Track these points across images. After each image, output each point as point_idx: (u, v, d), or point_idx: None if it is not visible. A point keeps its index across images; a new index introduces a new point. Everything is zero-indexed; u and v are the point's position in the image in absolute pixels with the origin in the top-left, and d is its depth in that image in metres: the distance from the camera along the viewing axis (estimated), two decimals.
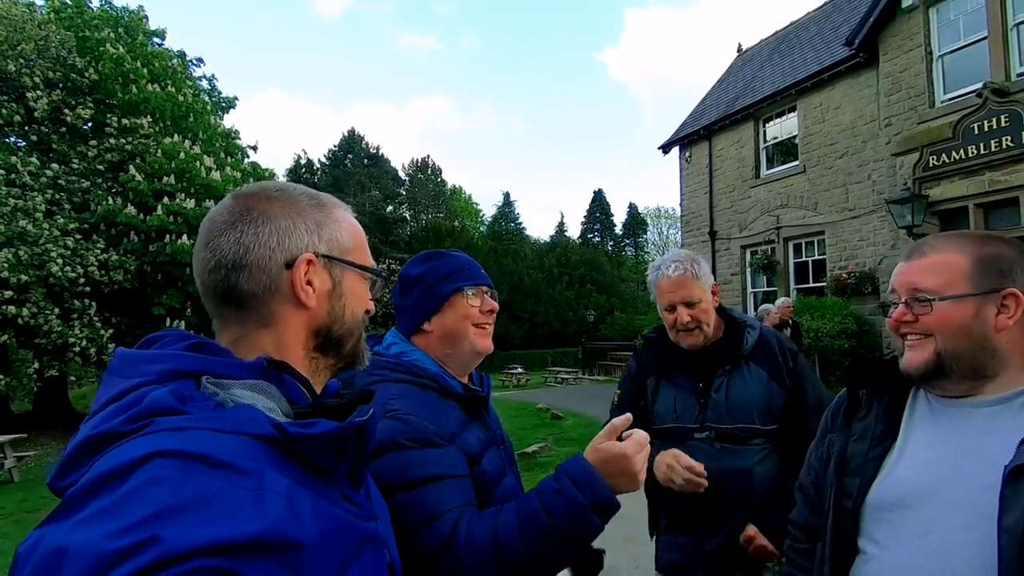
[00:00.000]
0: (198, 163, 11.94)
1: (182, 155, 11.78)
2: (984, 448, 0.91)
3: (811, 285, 11.02)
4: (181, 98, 13.03)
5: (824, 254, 10.69)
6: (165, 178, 11.50)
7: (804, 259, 11.26)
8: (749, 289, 12.40)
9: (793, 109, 11.36)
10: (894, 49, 9.03)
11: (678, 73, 74.42)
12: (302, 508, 0.54)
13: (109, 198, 11.10)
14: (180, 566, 0.44)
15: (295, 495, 0.54)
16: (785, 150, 11.90)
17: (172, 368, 0.61)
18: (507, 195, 43.67)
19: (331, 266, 0.71)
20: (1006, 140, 7.32)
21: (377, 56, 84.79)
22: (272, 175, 16.57)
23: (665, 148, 14.48)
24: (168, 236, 11.10)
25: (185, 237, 11.10)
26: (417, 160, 42.82)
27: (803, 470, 1.28)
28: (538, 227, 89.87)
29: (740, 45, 15.70)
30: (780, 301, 7.78)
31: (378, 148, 39.57)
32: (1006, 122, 7.33)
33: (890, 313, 1.04)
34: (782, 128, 11.85)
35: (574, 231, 45.09)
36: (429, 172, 42.83)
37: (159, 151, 11.72)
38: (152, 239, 11.13)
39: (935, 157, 8.06)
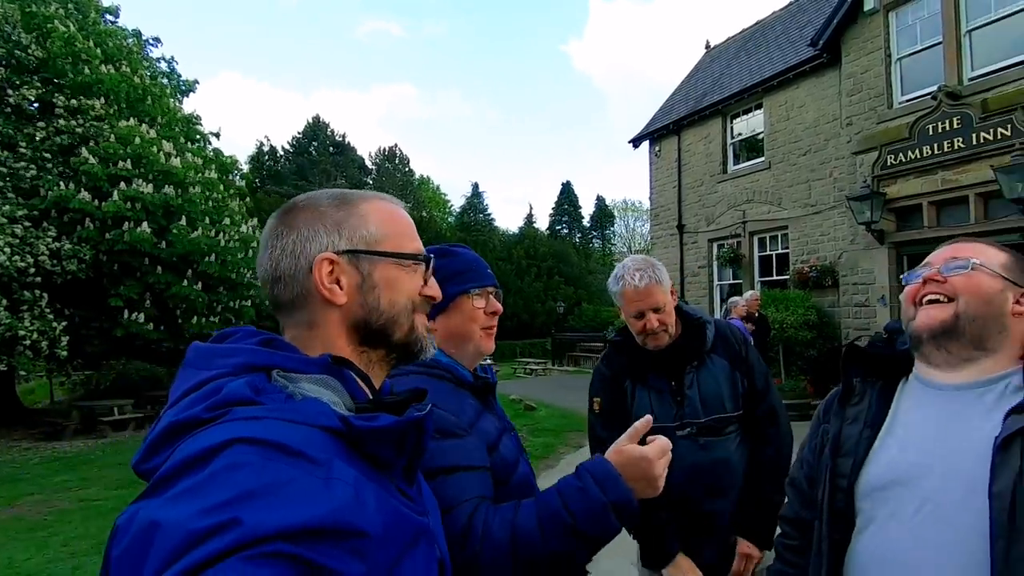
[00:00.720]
0: (155, 148, 11.44)
1: (138, 140, 11.26)
2: (972, 426, 0.97)
3: (775, 278, 11.38)
4: (137, 80, 12.43)
5: (787, 248, 11.06)
6: (121, 163, 10.97)
7: (768, 253, 11.61)
8: (716, 282, 12.72)
9: (759, 106, 11.66)
10: (855, 51, 9.35)
11: (642, 67, 75.21)
12: (367, 498, 0.57)
13: (61, 183, 10.53)
14: (258, 548, 0.47)
15: (361, 485, 0.57)
16: (751, 146, 12.22)
17: (246, 362, 0.64)
18: (476, 186, 43.42)
19: (357, 260, 0.72)
20: (958, 141, 7.69)
21: (339, 42, 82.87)
22: (234, 162, 16.01)
23: (635, 142, 14.67)
24: (126, 223, 10.62)
25: (145, 224, 10.64)
26: (384, 149, 42.18)
27: (794, 465, 1.32)
28: (507, 218, 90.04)
29: (708, 42, 15.99)
30: (748, 294, 8.02)
31: (344, 136, 38.80)
32: (958, 124, 7.71)
33: (911, 281, 1.09)
34: (748, 125, 12.14)
35: (542, 223, 45.26)
36: (397, 161, 42.25)
37: (113, 135, 11.17)
38: (108, 227, 10.62)
39: (893, 156, 8.42)
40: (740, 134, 12.32)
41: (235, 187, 15.21)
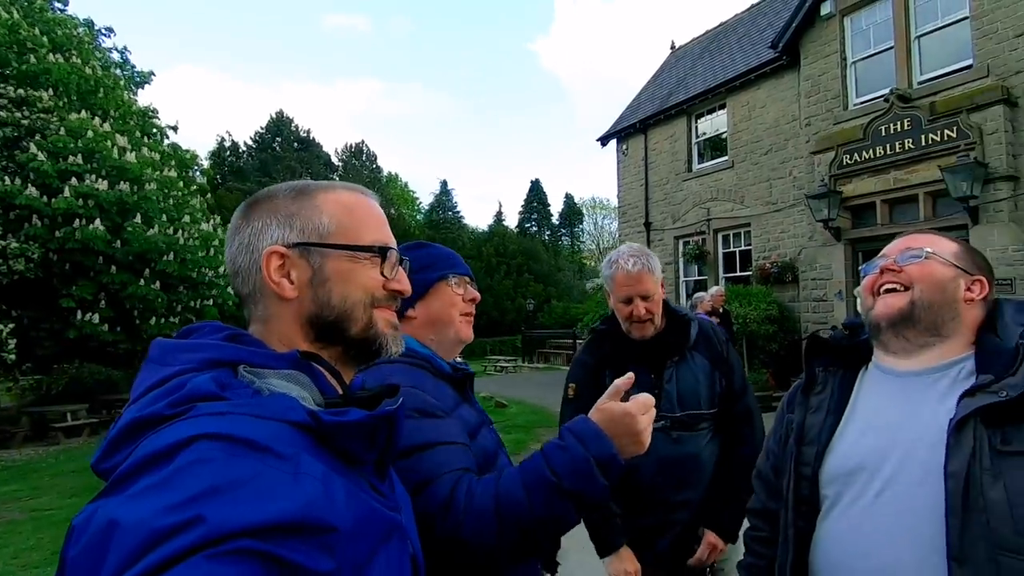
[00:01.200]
0: (109, 142, 10.98)
1: (90, 133, 10.79)
2: (928, 410, 1.01)
3: (738, 274, 11.68)
4: (88, 71, 11.89)
5: (750, 245, 11.36)
6: (72, 158, 10.49)
7: (732, 249, 11.91)
8: (681, 278, 12.98)
9: (723, 106, 11.93)
10: (813, 54, 9.66)
11: (608, 66, 75.98)
12: (336, 494, 0.56)
13: (6, 178, 10.00)
14: (223, 546, 0.46)
15: (330, 481, 0.56)
16: (715, 145, 12.50)
17: (211, 357, 0.63)
18: (444, 183, 43.11)
19: (308, 253, 0.70)
20: (908, 142, 8.04)
21: (303, 36, 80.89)
22: (194, 157, 15.52)
23: (603, 140, 14.82)
24: (78, 221, 10.15)
25: (98, 222, 10.20)
26: (351, 145, 41.51)
27: (760, 457, 1.34)
28: (476, 216, 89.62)
29: (673, 43, 16.26)
30: (714, 289, 8.20)
31: (309, 132, 38.00)
32: (908, 125, 8.05)
33: (869, 272, 1.13)
34: (712, 124, 12.41)
35: (512, 221, 45.26)
36: (364, 158, 41.64)
37: (63, 128, 10.67)
38: (59, 224, 10.14)
39: (848, 156, 8.74)
40: (704, 133, 12.58)
41: (195, 183, 14.74)
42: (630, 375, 0.97)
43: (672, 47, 16.22)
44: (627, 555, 1.74)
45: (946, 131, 7.66)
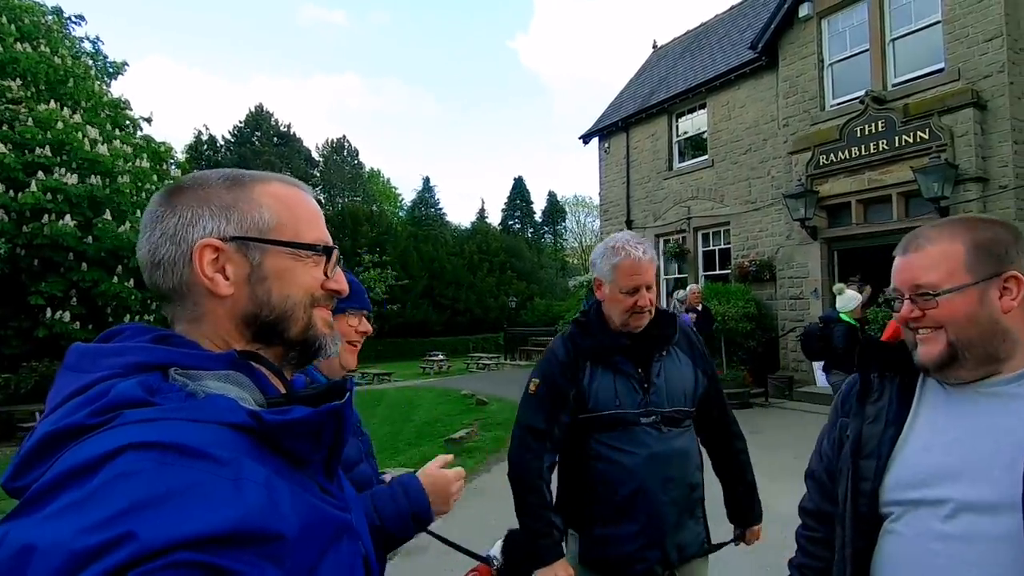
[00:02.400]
0: (80, 134, 10.68)
1: (60, 125, 10.49)
2: (999, 427, 0.92)
3: (717, 272, 11.82)
4: (58, 60, 11.57)
5: (729, 243, 11.50)
6: (39, 150, 10.19)
7: (712, 248, 12.05)
8: (662, 276, 13.08)
9: (703, 106, 12.04)
10: (791, 55, 9.80)
11: (589, 64, 76.38)
12: (281, 498, 0.53)
13: None
14: (157, 561, 0.43)
15: (274, 485, 0.53)
16: (695, 144, 12.61)
17: (138, 360, 0.58)
18: (427, 180, 42.98)
19: (247, 248, 0.65)
20: (882, 143, 8.21)
21: (279, 29, 79.78)
22: (169, 150, 15.17)
23: (585, 138, 14.87)
24: (47, 216, 9.88)
25: (68, 217, 9.93)
26: (332, 141, 41.04)
27: (813, 457, 1.27)
28: (459, 213, 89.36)
29: (655, 41, 16.37)
30: (689, 288, 8.29)
31: (289, 126, 37.52)
32: (883, 127, 8.22)
33: (896, 308, 1.03)
34: (693, 123, 12.53)
35: (495, 218, 45.27)
36: (345, 154, 41.20)
37: (31, 119, 10.35)
38: (26, 219, 9.86)
39: (824, 156, 8.89)
40: (685, 132, 12.69)
41: (170, 177, 14.42)
42: (448, 456, 1.21)
43: (654, 46, 16.32)
44: (559, 563, 1.66)
45: (919, 133, 7.83)
